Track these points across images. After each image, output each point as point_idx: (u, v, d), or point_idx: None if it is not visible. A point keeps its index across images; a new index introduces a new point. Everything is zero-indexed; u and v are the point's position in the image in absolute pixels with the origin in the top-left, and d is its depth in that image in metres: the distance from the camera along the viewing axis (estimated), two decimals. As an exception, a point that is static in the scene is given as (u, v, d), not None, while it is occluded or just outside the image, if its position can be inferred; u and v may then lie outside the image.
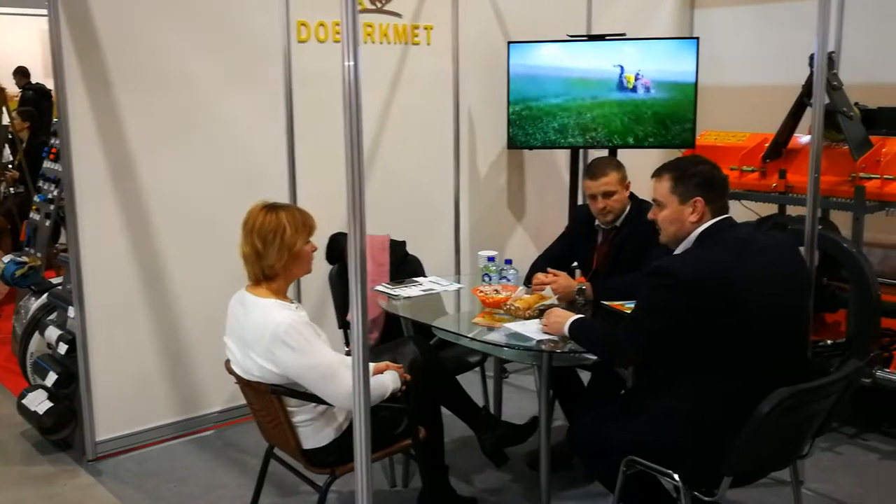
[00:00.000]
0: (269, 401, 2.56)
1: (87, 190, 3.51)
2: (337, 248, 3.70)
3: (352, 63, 1.81)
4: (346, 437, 2.58)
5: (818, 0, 2.97)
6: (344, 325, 3.71)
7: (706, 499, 2.39)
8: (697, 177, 2.49)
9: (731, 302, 2.31)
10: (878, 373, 3.65)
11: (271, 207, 2.59)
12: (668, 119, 4.53)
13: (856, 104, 4.04)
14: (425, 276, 3.79)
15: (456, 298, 3.58)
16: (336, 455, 2.59)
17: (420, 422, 2.85)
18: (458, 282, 3.76)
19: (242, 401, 2.86)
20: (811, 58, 3.91)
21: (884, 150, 3.89)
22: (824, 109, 3.44)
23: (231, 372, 2.66)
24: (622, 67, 4.51)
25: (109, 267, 3.61)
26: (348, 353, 3.28)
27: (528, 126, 4.65)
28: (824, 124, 3.65)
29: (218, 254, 3.60)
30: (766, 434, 2.21)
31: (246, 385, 2.61)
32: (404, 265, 3.85)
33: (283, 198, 3.90)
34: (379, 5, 4.29)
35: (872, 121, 4.14)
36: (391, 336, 3.52)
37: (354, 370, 1.95)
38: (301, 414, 2.59)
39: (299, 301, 4.05)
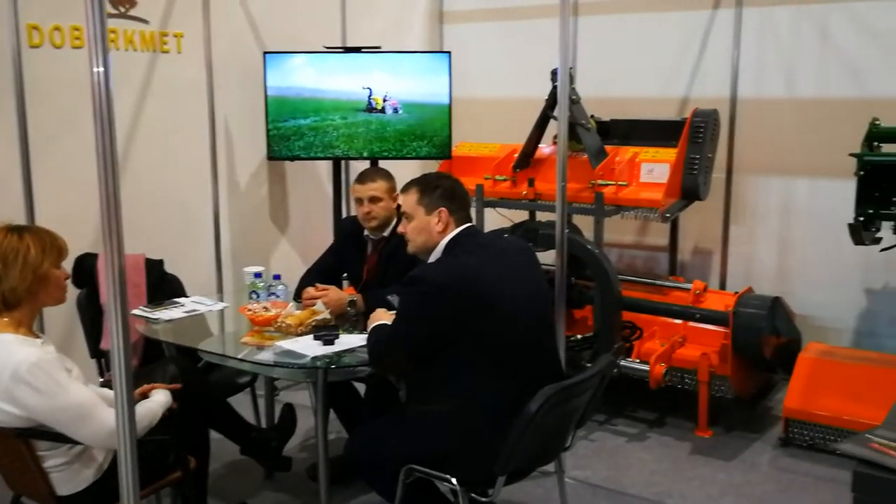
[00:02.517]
0: (15, 446, 2.29)
1: None
2: (85, 271, 3.42)
3: (101, 69, 1.69)
4: (107, 479, 2.38)
5: (560, 19, 3.19)
6: (97, 354, 3.43)
7: (483, 499, 2.47)
8: (441, 189, 2.66)
9: (482, 304, 2.43)
10: (622, 362, 3.99)
11: (15, 228, 2.35)
12: (409, 136, 4.71)
13: (592, 116, 4.40)
14: (187, 297, 3.60)
15: (223, 318, 3.43)
16: (96, 499, 2.38)
17: (188, 450, 2.70)
18: (222, 300, 3.61)
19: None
20: (553, 73, 4.23)
21: (617, 158, 4.26)
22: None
23: (-35, 417, 2.35)
24: (371, 90, 4.64)
25: None
26: (103, 385, 3.06)
27: (279, 142, 4.62)
28: (566, 136, 3.94)
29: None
30: (535, 431, 2.33)
31: (-16, 431, 2.32)
32: (162, 286, 3.64)
33: (19, 218, 3.52)
34: (122, 10, 4.01)
35: (606, 132, 4.54)
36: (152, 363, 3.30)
37: (118, 404, 1.80)
38: (54, 458, 2.35)
39: (43, 329, 3.68)
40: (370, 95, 4.64)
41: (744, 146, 4.70)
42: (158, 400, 2.53)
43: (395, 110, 4.67)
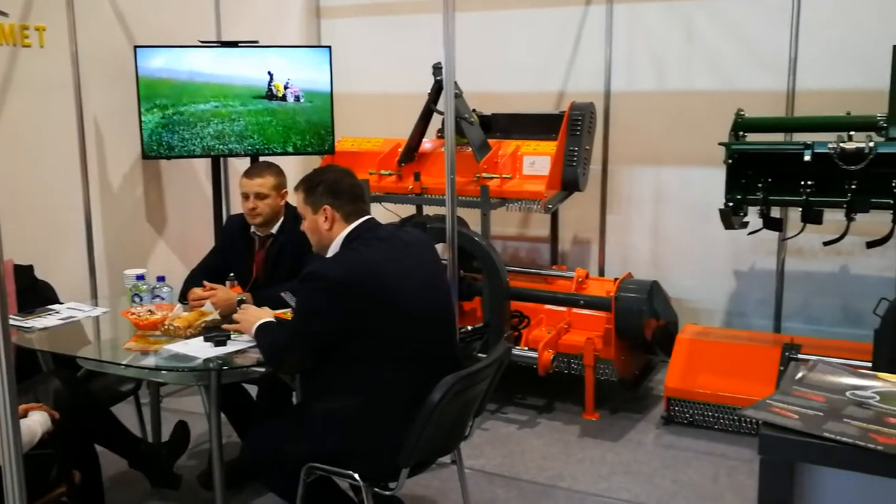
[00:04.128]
0: None
1: None
2: (-55, 280, 3.18)
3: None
4: (-16, 499, 2.23)
5: (443, 14, 3.21)
6: (-38, 368, 3.20)
7: (386, 493, 2.47)
8: (322, 185, 2.60)
9: (382, 298, 2.42)
10: (511, 350, 4.07)
11: None
12: (317, 127, 4.64)
13: (473, 110, 4.45)
14: (61, 303, 3.41)
15: (104, 323, 3.27)
16: (-27, 521, 2.23)
17: (73, 464, 2.56)
18: (98, 305, 3.45)
19: None
20: (435, 67, 4.25)
21: (500, 152, 4.34)
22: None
23: None
24: (272, 75, 4.52)
25: None
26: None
27: (182, 131, 4.41)
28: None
29: None
30: (438, 421, 2.34)
31: None
32: (34, 292, 3.44)
33: None
34: (-22, 1, 3.76)
35: (488, 126, 4.61)
36: (27, 375, 3.11)
37: (2, 419, 1.70)
38: (-78, 480, 2.18)
39: None
40: (271, 81, 4.52)
41: (618, 138, 4.88)
42: (38, 419, 2.40)
43: (297, 98, 4.57)
